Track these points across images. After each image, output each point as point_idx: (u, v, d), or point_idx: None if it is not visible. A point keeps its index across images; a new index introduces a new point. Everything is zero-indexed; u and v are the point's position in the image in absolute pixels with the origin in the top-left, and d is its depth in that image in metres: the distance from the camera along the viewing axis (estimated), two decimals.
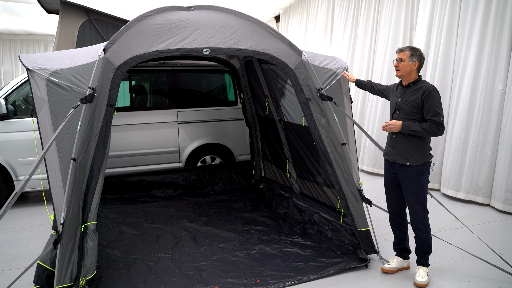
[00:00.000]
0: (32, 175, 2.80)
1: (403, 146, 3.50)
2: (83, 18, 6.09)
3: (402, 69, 3.50)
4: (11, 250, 4.37)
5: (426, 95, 3.37)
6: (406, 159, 3.48)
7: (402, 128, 3.42)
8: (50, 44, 16.88)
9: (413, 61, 3.48)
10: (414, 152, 3.46)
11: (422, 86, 3.46)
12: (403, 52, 3.50)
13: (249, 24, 3.82)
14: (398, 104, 3.57)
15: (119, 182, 6.06)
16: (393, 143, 3.59)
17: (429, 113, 3.36)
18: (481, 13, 5.72)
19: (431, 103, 3.36)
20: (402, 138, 3.51)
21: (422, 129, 3.35)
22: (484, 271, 3.80)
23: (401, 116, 3.52)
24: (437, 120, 3.33)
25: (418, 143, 3.47)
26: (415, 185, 3.49)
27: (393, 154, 3.59)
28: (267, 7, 13.09)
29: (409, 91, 3.52)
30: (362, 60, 8.36)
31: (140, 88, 6.52)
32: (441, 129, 3.36)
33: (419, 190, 3.50)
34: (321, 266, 3.83)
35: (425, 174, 3.52)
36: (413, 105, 3.44)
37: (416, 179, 3.49)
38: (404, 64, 3.49)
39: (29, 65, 3.20)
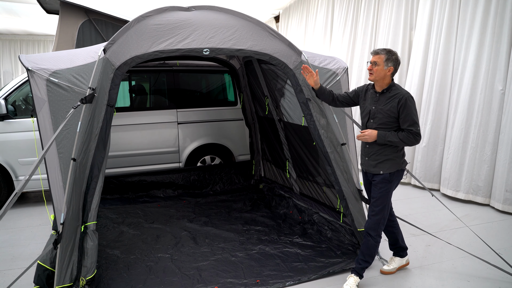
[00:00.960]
0: (32, 175, 2.80)
1: (377, 156, 3.39)
2: (83, 19, 6.10)
3: (375, 74, 3.32)
4: (11, 250, 4.37)
5: (402, 104, 3.23)
6: (380, 168, 3.39)
7: (378, 138, 3.30)
8: (50, 44, 16.88)
9: (388, 66, 3.30)
10: (388, 160, 3.37)
11: (397, 93, 3.30)
12: (378, 56, 3.31)
13: (248, 24, 3.83)
14: (372, 112, 3.41)
15: (119, 182, 6.07)
16: (367, 153, 3.47)
17: (405, 122, 3.25)
18: (480, 13, 5.73)
19: (408, 112, 3.23)
20: (376, 148, 3.39)
21: (399, 139, 3.25)
22: (484, 271, 3.81)
23: (375, 125, 3.38)
24: (414, 130, 3.23)
25: (392, 152, 3.37)
26: (380, 191, 3.39)
27: (367, 165, 3.48)
28: (266, 7, 13.09)
29: (383, 98, 3.36)
30: (361, 60, 8.37)
31: (140, 88, 6.52)
32: (418, 138, 3.27)
33: (383, 196, 3.39)
34: (321, 266, 3.83)
35: (393, 181, 3.43)
36: (388, 114, 3.30)
37: (382, 185, 3.39)
38: (378, 68, 3.30)
39: (29, 65, 3.20)
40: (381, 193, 3.39)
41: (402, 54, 7.31)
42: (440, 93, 6.43)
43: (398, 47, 7.34)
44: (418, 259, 4.08)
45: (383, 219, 3.43)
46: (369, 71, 3.35)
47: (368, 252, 3.44)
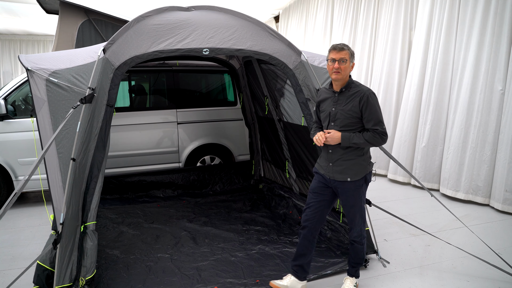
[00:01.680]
0: (32, 175, 2.80)
1: (342, 161, 3.13)
2: (82, 19, 6.10)
3: (344, 72, 3.04)
4: (10, 250, 4.37)
5: (365, 102, 3.01)
6: (346, 175, 3.13)
7: (342, 140, 3.03)
8: (50, 44, 16.89)
9: (352, 62, 3.11)
10: (354, 165, 3.13)
11: (357, 90, 3.08)
12: (345, 51, 3.04)
13: (248, 24, 3.83)
14: (332, 114, 3.14)
15: (118, 182, 6.06)
16: (331, 159, 3.18)
17: (370, 121, 3.03)
18: (480, 13, 5.73)
19: (371, 110, 3.02)
20: (340, 152, 3.13)
21: (365, 140, 3.01)
22: (483, 271, 3.81)
23: (336, 128, 3.11)
24: (380, 129, 3.02)
25: (358, 156, 3.14)
26: (354, 198, 3.19)
27: (331, 171, 3.18)
28: (266, 7, 13.10)
29: (343, 97, 3.11)
30: (361, 60, 8.38)
31: (140, 88, 6.52)
32: (385, 138, 3.05)
33: (357, 203, 3.22)
34: (321, 266, 3.83)
35: (363, 186, 3.21)
36: (350, 114, 3.06)
37: (355, 193, 3.17)
38: (346, 66, 3.04)
39: (28, 65, 3.20)
40: (356, 200, 3.20)
41: (402, 54, 7.31)
42: (440, 93, 6.43)
43: (397, 47, 7.34)
44: (417, 259, 4.08)
45: (363, 224, 3.32)
46: (336, 70, 3.04)
47: (358, 255, 3.39)
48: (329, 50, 3.09)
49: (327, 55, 3.11)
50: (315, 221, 3.25)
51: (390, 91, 7.47)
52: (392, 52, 7.43)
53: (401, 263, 3.99)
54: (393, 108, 7.42)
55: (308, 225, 3.26)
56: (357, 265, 3.43)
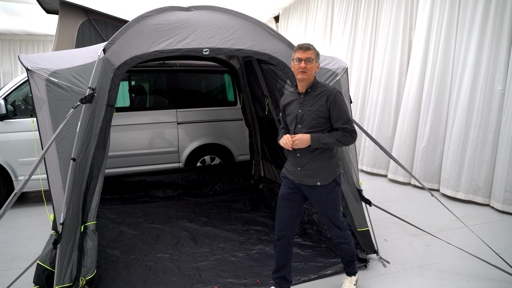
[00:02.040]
0: (32, 175, 2.79)
1: (311, 165, 3.03)
2: (82, 18, 6.10)
3: (310, 72, 2.96)
4: (10, 250, 4.37)
5: (332, 100, 2.94)
6: (316, 179, 3.03)
7: (311, 141, 2.92)
8: (49, 44, 16.89)
9: (318, 62, 3.04)
10: (323, 169, 3.03)
11: (323, 90, 3.00)
12: (311, 51, 2.97)
13: (248, 24, 3.83)
14: (299, 117, 3.04)
15: (118, 182, 6.06)
16: (299, 163, 3.07)
17: (338, 120, 2.95)
18: (480, 13, 5.73)
19: (339, 109, 2.95)
20: (308, 156, 3.03)
21: (335, 139, 2.92)
22: (484, 271, 3.81)
23: (304, 130, 3.01)
24: (349, 127, 2.95)
25: (327, 159, 3.04)
26: (327, 202, 3.08)
27: (300, 176, 3.07)
28: (266, 7, 13.10)
29: (309, 98, 3.03)
30: (361, 60, 8.38)
31: (140, 88, 6.52)
32: (355, 136, 2.98)
33: (331, 206, 3.10)
34: (321, 266, 3.83)
35: (336, 188, 3.10)
36: (318, 114, 2.97)
37: (328, 197, 3.06)
38: (312, 65, 2.96)
39: (28, 65, 3.20)
40: (328, 205, 3.09)
41: (402, 54, 7.31)
42: (440, 93, 6.43)
43: (397, 47, 7.34)
44: (418, 259, 4.08)
45: (343, 224, 3.20)
46: (302, 70, 2.95)
47: (347, 254, 3.29)
48: (295, 49, 3.00)
49: (293, 55, 3.03)
50: (290, 229, 3.14)
51: (390, 91, 7.47)
52: (392, 52, 7.43)
53: (401, 263, 3.99)
54: (393, 108, 7.42)
55: (284, 235, 3.15)
56: (351, 263, 3.36)
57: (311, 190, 3.07)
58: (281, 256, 3.18)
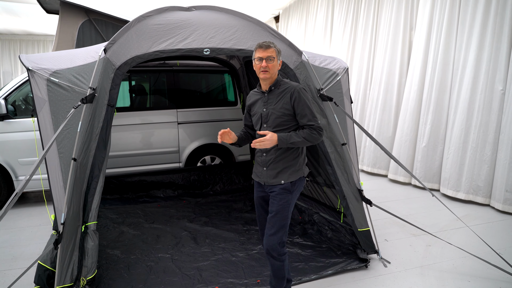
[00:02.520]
0: (33, 175, 2.79)
1: (276, 164, 2.94)
2: (83, 18, 6.10)
3: (272, 70, 2.87)
4: (11, 250, 4.37)
5: (296, 97, 2.86)
6: (280, 179, 2.93)
7: (278, 142, 2.80)
8: (50, 44, 16.88)
9: (280, 60, 2.95)
10: (288, 168, 2.94)
11: (287, 87, 2.92)
12: (272, 49, 2.87)
13: (249, 24, 3.83)
14: (263, 116, 2.96)
15: (119, 182, 6.06)
16: (265, 162, 2.98)
17: (304, 117, 2.86)
18: (480, 13, 5.73)
19: (304, 106, 2.86)
20: (275, 155, 2.94)
21: (303, 138, 2.83)
22: (484, 271, 3.81)
23: (270, 129, 2.92)
24: (315, 124, 2.87)
25: (292, 159, 2.95)
26: (280, 203, 2.90)
27: (265, 176, 2.98)
28: (266, 7, 13.10)
29: (273, 96, 2.94)
30: (362, 60, 8.38)
31: (140, 88, 6.52)
32: (321, 133, 2.89)
33: (283, 209, 2.91)
34: (322, 266, 3.83)
35: (294, 192, 2.96)
36: (283, 112, 2.88)
37: (282, 196, 2.91)
38: (273, 64, 2.87)
39: (29, 65, 3.20)
40: (281, 206, 2.91)
41: (402, 54, 7.31)
42: (440, 93, 6.43)
43: (398, 47, 7.34)
44: (418, 259, 4.08)
45: (284, 236, 2.94)
46: (263, 70, 2.86)
47: (277, 273, 2.97)
48: (255, 48, 2.91)
49: (253, 54, 2.93)
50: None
51: (390, 91, 7.47)
52: (393, 52, 7.43)
53: (402, 263, 3.99)
54: (394, 108, 7.42)
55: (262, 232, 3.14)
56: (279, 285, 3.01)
57: (272, 188, 2.97)
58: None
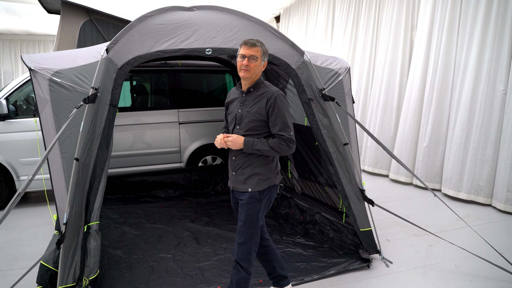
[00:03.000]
0: (35, 175, 2.79)
1: (244, 169, 2.83)
2: (84, 18, 6.10)
3: (253, 70, 2.75)
4: (13, 250, 4.37)
5: (272, 103, 2.71)
6: (247, 185, 2.81)
7: (244, 145, 2.72)
8: (50, 44, 16.88)
9: (264, 61, 2.82)
10: (256, 175, 2.81)
11: (265, 91, 2.79)
12: (257, 48, 2.74)
13: (251, 24, 3.83)
14: (238, 117, 2.84)
15: (120, 182, 6.06)
16: (233, 167, 2.89)
17: (276, 126, 2.73)
18: (482, 13, 5.72)
19: (278, 114, 2.72)
20: (243, 160, 2.82)
21: (270, 147, 2.70)
22: (486, 271, 3.81)
23: (242, 132, 2.80)
24: (286, 135, 2.72)
25: (261, 165, 2.81)
26: (248, 212, 2.79)
27: (234, 181, 2.89)
28: (267, 7, 13.09)
29: (250, 98, 2.82)
30: (363, 60, 8.37)
31: (141, 88, 6.52)
32: (292, 146, 2.74)
33: (252, 220, 2.80)
34: (324, 266, 3.83)
35: (263, 200, 2.84)
36: (256, 117, 2.75)
37: (250, 206, 2.80)
38: (257, 64, 2.75)
39: (31, 65, 3.19)
40: (249, 216, 2.79)
41: (403, 54, 7.31)
42: (442, 93, 6.43)
43: (399, 47, 7.34)
44: (420, 259, 4.07)
45: (254, 246, 2.84)
46: (245, 68, 2.74)
47: (240, 285, 2.84)
48: (240, 44, 2.79)
49: (238, 50, 2.82)
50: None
51: (391, 91, 7.46)
52: (394, 52, 7.42)
53: (404, 263, 3.98)
54: (395, 108, 7.41)
55: None
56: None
57: (240, 195, 2.88)
58: (263, 259, 3.15)
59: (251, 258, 2.84)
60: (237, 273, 2.84)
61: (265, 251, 3.11)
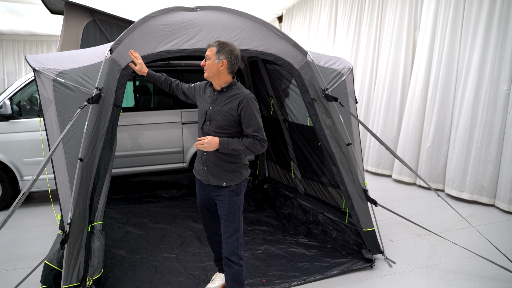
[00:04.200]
0: (39, 175, 2.80)
1: (217, 164, 2.95)
2: (87, 19, 6.11)
3: (208, 69, 2.87)
4: (16, 250, 4.38)
5: (244, 106, 2.83)
6: (222, 180, 2.95)
7: (220, 146, 2.81)
8: (54, 44, 16.91)
9: (220, 60, 2.83)
10: (230, 170, 2.96)
11: (238, 93, 2.89)
12: (210, 48, 2.85)
13: (254, 24, 3.83)
14: (208, 114, 2.94)
15: (123, 182, 6.08)
16: (205, 162, 2.99)
17: (249, 127, 2.84)
18: (485, 13, 5.71)
19: (251, 116, 2.84)
20: (215, 156, 2.94)
21: (245, 146, 2.82)
22: (490, 272, 3.80)
23: (212, 128, 2.91)
24: (259, 136, 2.84)
25: (234, 160, 2.97)
26: (229, 206, 2.95)
27: (206, 175, 3.00)
28: (269, 7, 13.09)
29: (222, 98, 2.92)
30: (366, 60, 8.36)
31: (144, 88, 6.53)
32: (264, 145, 2.87)
33: (234, 212, 2.96)
34: (327, 266, 3.83)
35: (241, 193, 3.02)
36: (227, 117, 2.86)
37: (230, 199, 2.95)
38: (209, 62, 2.85)
39: (35, 66, 3.21)
40: (232, 209, 2.96)
41: (406, 54, 7.30)
42: (445, 93, 6.42)
43: (402, 47, 7.33)
44: (423, 259, 4.07)
45: (240, 238, 2.99)
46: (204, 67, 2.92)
47: (235, 279, 2.98)
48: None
49: None
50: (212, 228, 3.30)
51: (394, 91, 7.46)
52: (396, 52, 7.42)
53: (407, 263, 3.98)
54: (397, 108, 7.41)
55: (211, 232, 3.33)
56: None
57: (217, 191, 3.00)
58: (216, 247, 3.39)
59: (240, 251, 2.98)
60: (230, 269, 2.97)
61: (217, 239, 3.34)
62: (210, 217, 3.25)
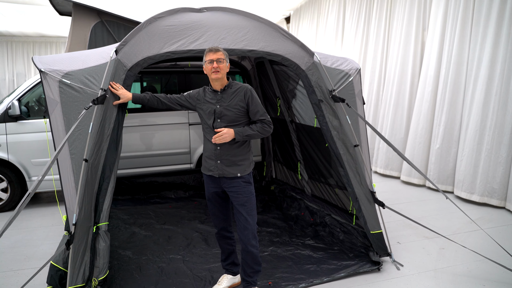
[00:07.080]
0: (45, 176, 2.80)
1: (230, 157, 3.18)
2: (95, 20, 6.14)
3: (222, 70, 3.12)
4: (24, 250, 4.41)
5: (249, 95, 3.16)
6: (236, 171, 3.18)
7: (236, 135, 3.09)
8: (62, 45, 17.02)
9: (228, 62, 3.21)
10: (242, 161, 3.20)
11: (238, 87, 3.21)
12: (220, 52, 3.13)
13: (260, 25, 3.81)
14: (217, 112, 3.17)
15: (130, 183, 6.09)
16: (218, 156, 3.18)
17: (257, 113, 3.17)
18: (495, 12, 5.64)
19: (256, 103, 3.18)
20: (227, 149, 3.17)
21: (257, 131, 3.14)
22: (499, 275, 3.74)
23: (224, 124, 3.15)
24: (266, 119, 3.18)
25: (244, 151, 3.23)
26: (245, 195, 3.19)
27: (219, 168, 3.19)
28: (277, 8, 13.07)
29: (226, 95, 3.19)
30: (374, 61, 8.31)
31: (151, 89, 6.54)
32: (271, 126, 3.21)
33: (250, 200, 3.21)
34: (334, 268, 3.80)
35: (252, 182, 3.27)
36: (237, 109, 3.15)
37: (245, 189, 3.19)
38: (223, 65, 3.13)
39: (42, 67, 3.22)
40: (247, 197, 3.20)
41: (415, 55, 7.24)
42: (454, 94, 6.35)
43: (410, 48, 7.27)
44: (432, 262, 4.02)
45: (256, 225, 3.26)
46: (215, 70, 3.10)
47: (255, 261, 3.25)
48: (205, 53, 3.16)
49: (204, 58, 3.17)
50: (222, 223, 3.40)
51: (403, 92, 7.40)
52: (405, 53, 7.35)
53: (415, 266, 3.93)
54: (406, 109, 7.34)
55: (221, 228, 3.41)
56: (256, 274, 3.30)
57: (231, 183, 3.20)
58: (225, 244, 3.47)
59: (256, 236, 3.23)
60: (250, 254, 3.21)
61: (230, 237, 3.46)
62: (220, 210, 3.37)
